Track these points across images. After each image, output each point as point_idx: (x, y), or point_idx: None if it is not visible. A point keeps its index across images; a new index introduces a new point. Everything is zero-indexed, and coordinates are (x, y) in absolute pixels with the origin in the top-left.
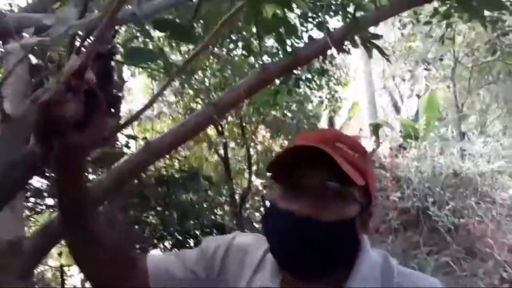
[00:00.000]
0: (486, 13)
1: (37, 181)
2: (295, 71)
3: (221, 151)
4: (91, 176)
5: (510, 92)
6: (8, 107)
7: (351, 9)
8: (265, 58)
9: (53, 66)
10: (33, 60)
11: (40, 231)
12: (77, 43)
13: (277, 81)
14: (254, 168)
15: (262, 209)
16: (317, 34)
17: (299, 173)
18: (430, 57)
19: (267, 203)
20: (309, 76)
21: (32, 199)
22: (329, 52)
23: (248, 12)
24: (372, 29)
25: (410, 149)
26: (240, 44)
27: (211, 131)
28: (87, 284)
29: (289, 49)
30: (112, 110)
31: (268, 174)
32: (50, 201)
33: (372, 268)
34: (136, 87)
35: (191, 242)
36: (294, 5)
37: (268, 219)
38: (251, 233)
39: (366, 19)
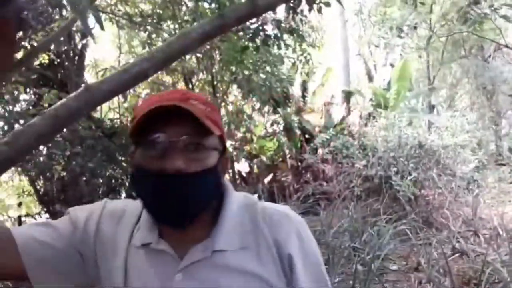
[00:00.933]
0: None
1: None
2: (265, 28)
3: None
4: None
5: (481, 68)
6: None
7: None
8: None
9: None
10: None
11: None
12: None
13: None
14: (224, 129)
15: (230, 171)
16: None
17: (160, 133)
18: (406, 26)
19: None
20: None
21: None
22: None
23: None
24: None
25: (379, 118)
26: None
27: (181, 88)
28: None
29: None
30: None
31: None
32: None
33: (238, 206)
34: (104, 37)
35: None
36: None
37: (139, 182)
38: (121, 199)
39: None
